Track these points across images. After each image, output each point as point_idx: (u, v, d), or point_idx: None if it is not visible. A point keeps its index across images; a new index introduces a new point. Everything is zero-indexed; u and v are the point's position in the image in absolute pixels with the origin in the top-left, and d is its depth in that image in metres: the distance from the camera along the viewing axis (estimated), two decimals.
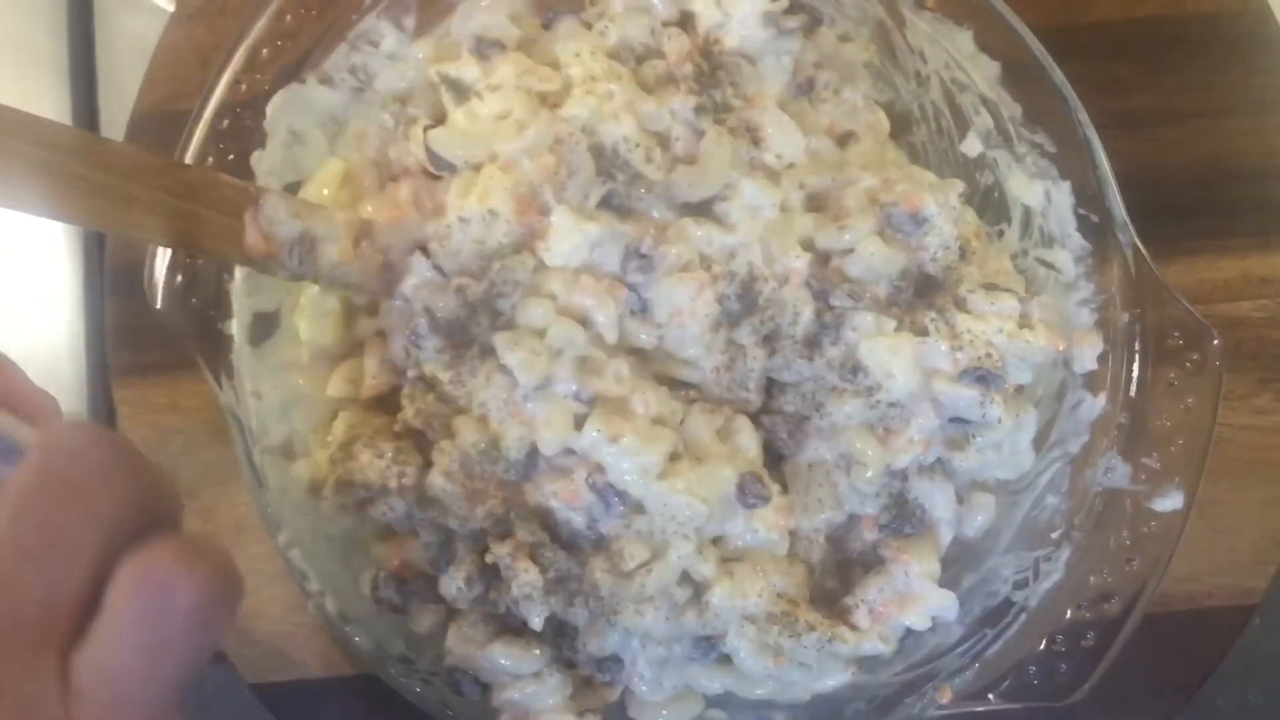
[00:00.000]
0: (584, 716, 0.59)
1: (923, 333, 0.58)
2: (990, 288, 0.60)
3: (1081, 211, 0.61)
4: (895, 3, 0.63)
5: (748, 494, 0.56)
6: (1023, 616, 0.59)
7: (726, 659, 0.59)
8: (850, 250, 0.59)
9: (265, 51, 0.61)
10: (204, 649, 0.34)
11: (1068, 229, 0.61)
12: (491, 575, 0.57)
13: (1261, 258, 0.71)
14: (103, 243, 0.75)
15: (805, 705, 0.61)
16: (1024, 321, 0.59)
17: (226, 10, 0.74)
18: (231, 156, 0.61)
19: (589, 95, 0.58)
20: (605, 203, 0.59)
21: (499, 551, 0.56)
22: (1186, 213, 0.71)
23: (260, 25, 0.61)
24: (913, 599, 0.59)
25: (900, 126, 0.67)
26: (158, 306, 0.58)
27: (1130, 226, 0.59)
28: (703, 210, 0.59)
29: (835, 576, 0.62)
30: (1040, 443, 0.62)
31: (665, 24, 0.62)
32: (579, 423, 0.56)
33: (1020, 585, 0.60)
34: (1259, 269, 0.71)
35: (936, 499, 0.60)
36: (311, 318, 0.61)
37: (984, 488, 0.62)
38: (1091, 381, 0.61)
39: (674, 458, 0.56)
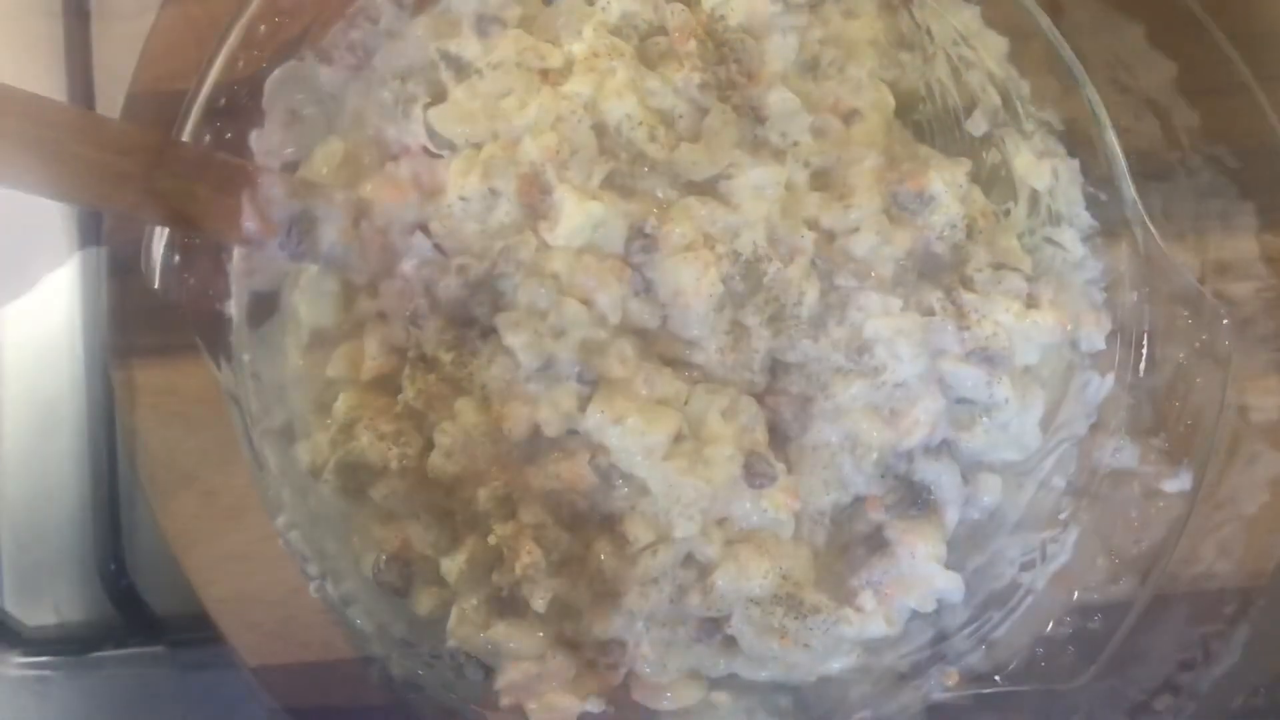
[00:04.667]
0: (587, 699, 0.59)
1: (929, 312, 0.58)
2: (997, 267, 0.59)
3: (1090, 189, 0.60)
4: None
5: (755, 474, 0.56)
6: (1030, 599, 0.59)
7: (731, 641, 0.59)
8: (856, 229, 0.59)
9: (263, 28, 0.60)
10: None
11: (1076, 207, 0.61)
12: (494, 557, 0.57)
13: (1270, 237, 0.71)
14: (100, 223, 0.74)
15: (811, 687, 0.61)
16: (1031, 301, 0.59)
17: None
18: (229, 135, 0.60)
19: (591, 73, 0.58)
20: (608, 182, 0.58)
21: (502, 533, 0.56)
22: (1194, 192, 0.71)
23: (257, 1, 0.60)
24: (918, 581, 0.59)
25: (906, 104, 0.66)
26: (155, 286, 0.58)
27: (1139, 204, 0.58)
28: (707, 189, 0.59)
29: (840, 558, 0.61)
30: (1047, 423, 0.61)
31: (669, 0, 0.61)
32: (582, 404, 0.55)
33: (1027, 567, 0.60)
34: (1267, 248, 0.71)
35: (942, 480, 0.60)
36: (311, 298, 0.60)
37: (990, 469, 0.62)
38: (1099, 361, 0.60)
39: (678, 439, 0.56)
